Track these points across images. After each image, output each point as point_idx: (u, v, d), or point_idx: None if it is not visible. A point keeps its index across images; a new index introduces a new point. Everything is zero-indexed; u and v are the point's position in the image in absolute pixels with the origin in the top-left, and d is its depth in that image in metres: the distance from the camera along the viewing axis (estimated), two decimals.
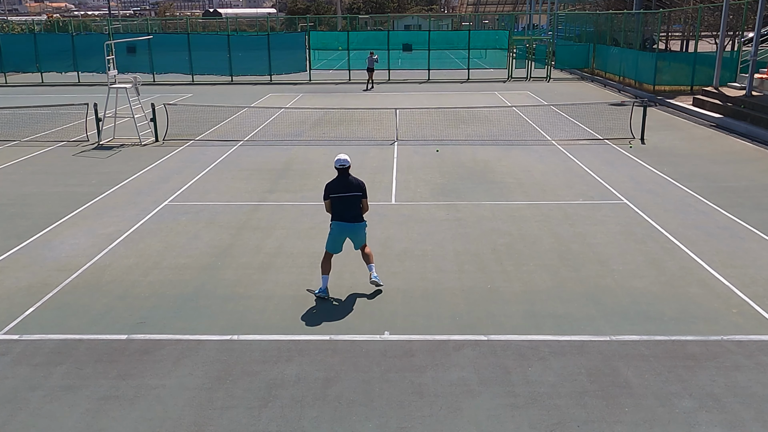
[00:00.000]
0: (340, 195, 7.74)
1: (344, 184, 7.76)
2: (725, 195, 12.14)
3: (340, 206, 7.77)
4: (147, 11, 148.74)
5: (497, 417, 5.55)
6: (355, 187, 7.77)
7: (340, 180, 7.79)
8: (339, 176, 7.80)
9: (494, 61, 40.20)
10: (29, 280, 8.54)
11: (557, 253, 9.28)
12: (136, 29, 57.47)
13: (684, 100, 23.77)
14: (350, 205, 7.75)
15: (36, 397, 5.92)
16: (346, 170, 7.78)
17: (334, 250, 7.95)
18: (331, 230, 7.91)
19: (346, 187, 7.75)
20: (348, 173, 7.82)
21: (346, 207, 7.75)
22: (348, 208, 7.75)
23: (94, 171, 14.62)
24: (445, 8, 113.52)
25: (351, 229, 7.82)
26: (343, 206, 7.76)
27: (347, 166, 7.78)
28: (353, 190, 7.75)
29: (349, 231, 7.84)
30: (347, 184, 7.75)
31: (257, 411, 5.67)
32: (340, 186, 7.75)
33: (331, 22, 76.09)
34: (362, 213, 7.89)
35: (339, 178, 7.80)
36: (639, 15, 30.61)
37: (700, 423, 5.44)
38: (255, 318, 7.42)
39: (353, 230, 7.83)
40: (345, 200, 7.74)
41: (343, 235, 7.87)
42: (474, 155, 15.78)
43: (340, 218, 7.80)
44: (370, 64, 30.49)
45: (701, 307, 7.56)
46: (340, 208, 7.77)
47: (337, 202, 7.76)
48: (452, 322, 7.24)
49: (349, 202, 7.74)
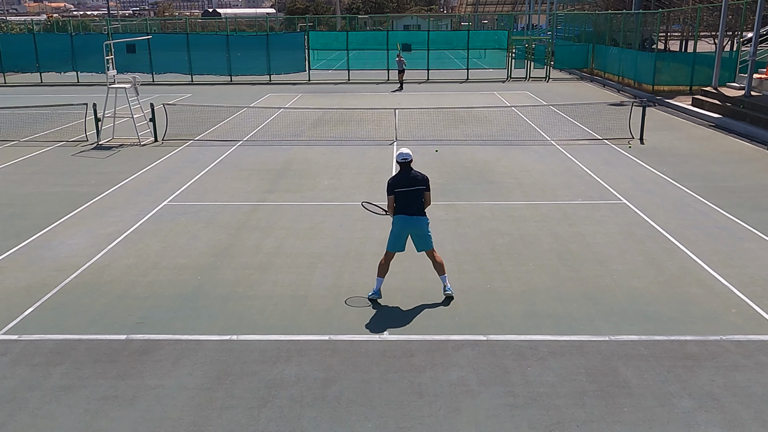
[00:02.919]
0: (405, 189, 7.69)
1: (408, 178, 7.72)
2: (724, 195, 12.15)
3: (403, 200, 7.70)
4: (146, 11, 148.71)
5: (496, 417, 5.55)
6: (419, 181, 7.72)
7: (403, 174, 7.76)
8: (402, 171, 7.78)
9: (493, 61, 40.20)
10: (28, 280, 8.53)
11: (556, 253, 9.29)
12: (135, 29, 57.41)
13: (683, 100, 23.79)
14: (414, 199, 7.69)
15: (35, 397, 5.92)
16: (408, 164, 7.76)
17: (396, 249, 7.84)
18: (393, 226, 7.81)
19: (410, 181, 7.71)
20: (410, 167, 7.78)
21: (410, 201, 7.69)
22: (412, 202, 7.69)
23: (93, 171, 14.62)
24: (444, 8, 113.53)
25: (413, 223, 7.70)
26: (407, 200, 7.69)
27: (409, 160, 7.76)
28: (417, 184, 7.70)
29: (411, 225, 7.72)
30: (411, 178, 7.72)
31: (256, 411, 5.67)
32: (404, 180, 7.72)
33: (331, 22, 76.09)
34: (424, 207, 7.82)
35: (402, 172, 7.77)
36: (638, 15, 30.63)
37: (699, 423, 5.45)
38: (254, 318, 7.41)
39: (416, 224, 7.71)
40: (409, 194, 7.69)
41: (406, 230, 7.76)
42: (473, 155, 15.79)
43: (403, 212, 7.72)
44: (399, 66, 30.57)
45: (700, 307, 7.56)
46: (404, 203, 7.70)
47: (401, 197, 7.71)
48: (451, 322, 7.25)
49: (414, 196, 7.69)
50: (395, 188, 7.73)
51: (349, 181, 13.42)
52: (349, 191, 12.68)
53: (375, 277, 7.98)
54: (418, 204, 7.70)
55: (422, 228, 7.73)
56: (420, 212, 7.70)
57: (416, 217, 7.68)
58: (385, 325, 7.18)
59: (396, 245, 7.83)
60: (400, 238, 7.80)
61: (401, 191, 7.70)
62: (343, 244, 9.75)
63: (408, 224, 7.71)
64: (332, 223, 10.69)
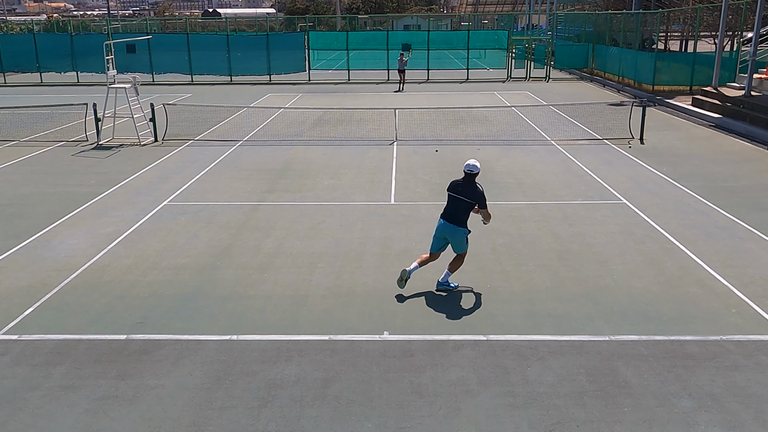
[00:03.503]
0: (453, 194, 7.95)
1: (462, 186, 7.94)
2: (724, 195, 12.15)
3: (449, 204, 8.00)
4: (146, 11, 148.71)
5: (496, 417, 5.55)
6: (468, 192, 7.86)
7: (462, 181, 7.99)
8: (464, 178, 7.98)
9: (493, 61, 40.20)
10: (28, 280, 8.53)
11: (556, 253, 9.29)
12: (135, 29, 57.43)
13: (683, 100, 23.79)
14: (457, 206, 7.91)
15: (35, 397, 5.92)
16: (470, 176, 7.91)
17: (432, 249, 8.12)
18: (437, 230, 8.10)
19: (462, 189, 7.92)
20: (473, 179, 7.92)
21: (453, 207, 7.94)
22: (454, 209, 7.92)
23: (93, 171, 14.62)
24: (444, 8, 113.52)
25: (448, 229, 7.93)
26: (452, 205, 7.96)
27: (474, 172, 7.89)
28: (465, 195, 7.87)
29: (446, 230, 7.95)
30: (464, 187, 7.91)
31: (256, 411, 5.67)
32: (458, 186, 7.97)
33: (331, 22, 76.07)
34: (484, 219, 8.15)
35: (463, 179, 7.99)
36: (638, 15, 30.63)
37: (699, 423, 5.45)
38: (254, 318, 7.42)
39: (450, 231, 7.93)
40: (455, 201, 7.94)
41: (442, 233, 7.99)
42: (473, 155, 15.78)
43: (443, 215, 8.01)
44: (401, 66, 30.57)
45: (700, 307, 7.56)
46: (448, 207, 8.00)
47: (449, 200, 8.01)
48: (451, 322, 7.25)
49: (457, 204, 7.91)
50: (448, 190, 8.06)
51: (349, 181, 13.43)
52: (349, 191, 12.69)
53: (375, 276, 8.01)
54: (460, 215, 7.90)
55: (457, 236, 7.95)
56: (458, 223, 7.90)
57: (453, 225, 7.91)
58: (385, 325, 7.18)
59: (433, 246, 8.14)
60: (436, 240, 8.09)
61: (450, 195, 8.00)
62: (343, 244, 9.75)
63: (444, 229, 7.98)
64: (332, 223, 10.70)
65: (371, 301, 7.81)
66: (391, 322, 7.27)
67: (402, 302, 7.77)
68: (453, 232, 7.91)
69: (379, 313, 7.50)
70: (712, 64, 24.19)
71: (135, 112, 18.24)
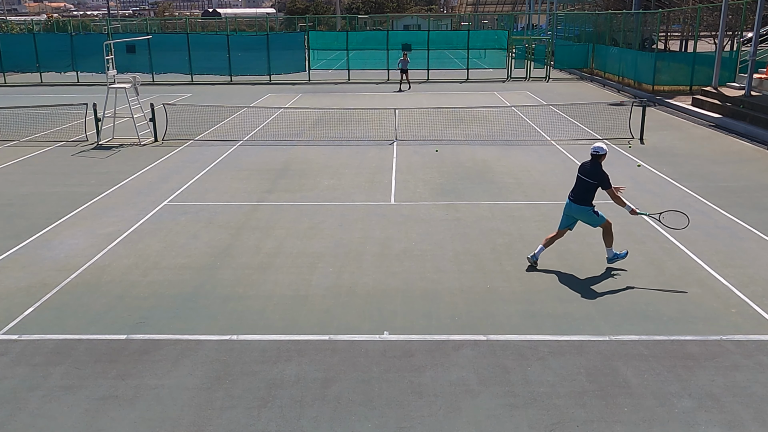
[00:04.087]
0: (579, 175, 8.56)
1: (588, 168, 8.49)
2: (724, 195, 12.15)
3: (576, 185, 8.59)
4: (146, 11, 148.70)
5: (496, 417, 5.55)
6: (591, 173, 8.40)
7: (588, 163, 8.54)
8: (590, 160, 8.52)
9: (493, 61, 40.20)
10: (28, 280, 8.54)
11: (556, 252, 9.28)
12: (135, 29, 57.41)
13: (683, 100, 23.78)
14: (582, 187, 8.49)
15: (35, 397, 5.92)
16: (596, 157, 8.44)
17: (559, 226, 8.77)
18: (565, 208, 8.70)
19: (587, 171, 8.46)
20: (598, 161, 8.44)
21: (578, 188, 8.53)
22: (579, 189, 8.52)
23: (93, 171, 14.62)
24: (444, 8, 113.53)
25: (574, 208, 8.55)
26: (577, 186, 8.55)
27: (600, 154, 8.43)
28: (589, 175, 8.41)
29: (572, 209, 8.57)
30: (589, 169, 8.46)
31: (256, 411, 5.68)
32: (585, 169, 8.54)
33: (331, 22, 76.08)
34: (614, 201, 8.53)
35: (590, 161, 8.52)
36: (638, 15, 30.63)
37: (699, 423, 5.45)
38: (254, 318, 7.42)
39: (576, 210, 8.54)
40: (580, 181, 8.53)
41: (569, 211, 8.61)
42: (473, 155, 15.79)
43: (571, 194, 8.62)
44: (403, 66, 30.61)
45: (700, 307, 7.56)
46: (575, 187, 8.59)
47: (576, 180, 8.61)
48: (451, 322, 7.25)
49: (582, 184, 8.49)
50: (578, 171, 8.64)
51: (348, 181, 13.43)
52: (349, 191, 12.69)
53: (375, 276, 7.99)
54: (584, 194, 8.46)
55: (583, 214, 8.53)
56: (582, 202, 8.49)
57: (578, 205, 8.52)
58: (384, 325, 7.18)
59: (561, 223, 8.77)
60: (564, 217, 8.72)
61: (578, 176, 8.61)
62: (342, 244, 9.75)
63: (570, 208, 8.61)
64: (332, 223, 10.70)
65: (371, 301, 7.81)
66: (391, 321, 7.27)
67: (402, 302, 7.77)
68: (579, 211, 8.51)
69: (379, 313, 7.50)
70: (712, 64, 24.19)
71: (135, 112, 18.25)
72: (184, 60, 34.47)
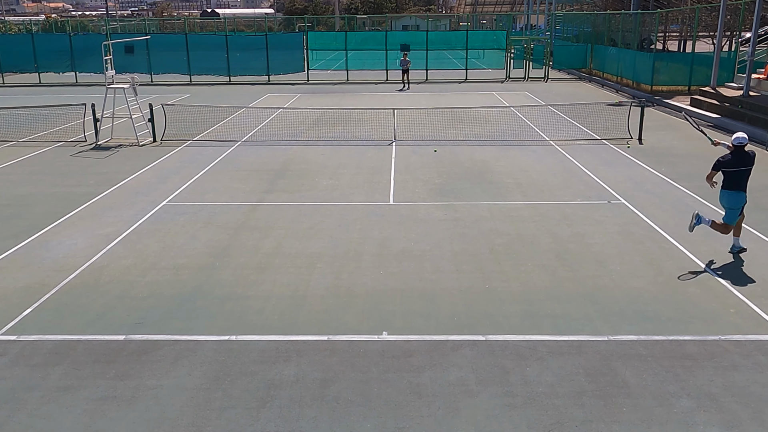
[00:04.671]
0: (744, 168, 8.78)
1: (749, 156, 8.80)
2: None
3: (741, 178, 8.82)
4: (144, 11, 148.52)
5: (495, 417, 5.55)
6: (752, 160, 8.79)
7: (741, 155, 8.77)
8: (741, 152, 8.78)
9: (492, 61, 40.17)
10: (27, 280, 8.53)
11: (555, 253, 9.29)
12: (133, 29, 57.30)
13: (681, 100, 23.80)
14: (746, 176, 8.84)
15: (34, 397, 5.92)
16: (741, 148, 8.78)
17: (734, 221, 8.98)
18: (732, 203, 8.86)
19: (751, 159, 8.80)
20: (744, 150, 8.79)
21: (745, 177, 8.83)
22: (745, 178, 8.84)
23: (91, 171, 14.61)
24: (443, 8, 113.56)
25: (745, 198, 8.90)
26: (744, 176, 8.82)
27: (744, 144, 8.80)
28: (749, 163, 8.78)
29: (745, 200, 8.89)
30: (746, 158, 8.78)
31: (255, 411, 5.67)
32: (745, 159, 8.78)
33: (329, 22, 76.10)
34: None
35: (742, 153, 8.77)
36: (636, 15, 30.65)
37: (698, 423, 5.45)
38: (253, 318, 7.41)
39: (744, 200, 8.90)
40: (746, 172, 8.81)
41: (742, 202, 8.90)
42: (472, 155, 15.79)
43: (739, 187, 8.84)
44: (404, 66, 30.65)
45: (699, 307, 7.57)
46: (742, 180, 8.83)
47: (741, 174, 8.81)
48: (450, 323, 7.25)
49: (747, 173, 8.84)
50: (734, 166, 8.79)
51: (347, 181, 13.42)
52: (348, 191, 12.69)
53: (374, 276, 8.00)
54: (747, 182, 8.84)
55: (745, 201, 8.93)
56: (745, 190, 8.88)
57: (745, 194, 8.87)
58: (383, 325, 7.18)
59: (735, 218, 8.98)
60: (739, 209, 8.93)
61: (740, 170, 8.78)
62: (341, 244, 9.75)
63: (743, 199, 8.89)
64: (331, 223, 10.69)
65: (370, 301, 7.81)
66: (389, 322, 7.27)
67: (401, 302, 7.77)
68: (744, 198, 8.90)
69: (377, 313, 7.50)
70: (710, 64, 24.21)
71: (133, 113, 18.25)
72: (183, 60, 34.46)
